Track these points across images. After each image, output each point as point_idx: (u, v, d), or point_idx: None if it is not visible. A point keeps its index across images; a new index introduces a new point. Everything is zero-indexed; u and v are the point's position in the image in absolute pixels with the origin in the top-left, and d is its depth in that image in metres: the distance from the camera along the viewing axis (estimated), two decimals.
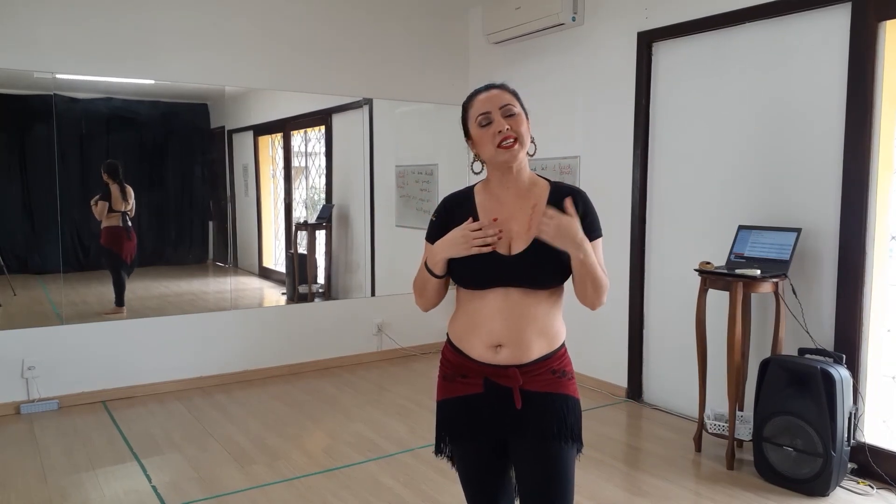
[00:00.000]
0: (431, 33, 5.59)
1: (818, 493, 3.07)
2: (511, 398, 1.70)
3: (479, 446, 1.77)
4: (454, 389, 1.77)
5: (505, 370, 1.70)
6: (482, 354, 1.71)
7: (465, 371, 1.75)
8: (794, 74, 3.51)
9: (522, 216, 1.72)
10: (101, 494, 3.11)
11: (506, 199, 1.74)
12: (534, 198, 1.74)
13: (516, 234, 1.71)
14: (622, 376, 4.51)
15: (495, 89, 1.74)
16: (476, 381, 1.73)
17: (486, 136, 1.69)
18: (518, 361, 1.69)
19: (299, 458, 3.53)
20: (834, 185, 3.34)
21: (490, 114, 1.69)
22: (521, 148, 1.70)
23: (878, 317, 3.29)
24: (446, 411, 1.80)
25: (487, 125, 1.69)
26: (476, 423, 1.75)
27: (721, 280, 3.42)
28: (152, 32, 4.47)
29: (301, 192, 5.74)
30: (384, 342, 5.50)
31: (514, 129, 1.68)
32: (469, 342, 1.73)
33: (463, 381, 1.75)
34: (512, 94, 1.75)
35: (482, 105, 1.71)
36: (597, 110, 4.63)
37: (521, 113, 1.72)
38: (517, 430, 1.71)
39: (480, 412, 1.74)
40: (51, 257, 4.41)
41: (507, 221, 1.71)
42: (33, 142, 4.39)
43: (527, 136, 1.71)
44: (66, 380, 4.31)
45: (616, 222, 4.47)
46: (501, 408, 1.71)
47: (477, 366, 1.72)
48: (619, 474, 3.37)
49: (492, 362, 1.70)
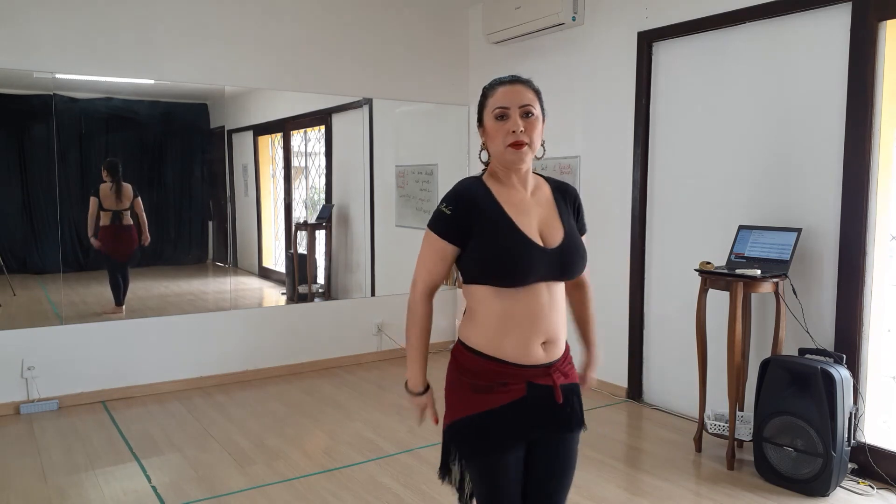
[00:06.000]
0: (431, 33, 5.58)
1: (818, 494, 3.07)
2: (549, 396, 1.69)
3: (517, 454, 1.70)
4: (492, 400, 1.66)
5: (547, 369, 1.69)
6: (527, 355, 1.66)
7: (504, 378, 1.66)
8: (795, 74, 3.51)
9: (541, 209, 1.73)
10: (100, 494, 3.11)
11: (522, 194, 1.73)
12: (542, 192, 1.77)
13: (545, 226, 1.70)
14: (622, 376, 4.51)
15: (520, 84, 1.70)
16: (518, 386, 1.66)
17: (500, 131, 1.67)
18: (555, 356, 1.71)
19: (299, 458, 3.53)
20: (834, 185, 3.34)
21: (508, 110, 1.67)
22: (530, 152, 1.69)
23: (878, 317, 3.28)
24: (483, 424, 1.67)
25: (503, 119, 1.67)
26: (522, 427, 1.68)
27: (721, 280, 3.42)
28: (152, 32, 4.47)
29: (301, 192, 5.74)
30: (384, 342, 5.50)
31: (528, 133, 1.67)
32: (508, 345, 1.65)
33: (503, 388, 1.66)
34: (535, 93, 1.72)
35: (503, 98, 1.68)
36: (597, 110, 4.63)
37: (539, 116, 1.70)
38: (553, 425, 1.71)
39: (527, 416, 1.68)
40: (50, 257, 4.41)
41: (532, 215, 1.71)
42: (33, 142, 4.39)
43: (538, 141, 1.70)
44: (65, 380, 4.31)
45: (616, 222, 4.47)
46: (542, 407, 1.69)
47: (518, 370, 1.66)
48: (619, 474, 3.37)
49: (539, 362, 1.67)
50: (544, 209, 1.73)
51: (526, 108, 1.67)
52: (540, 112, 1.71)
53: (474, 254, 1.66)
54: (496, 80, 1.74)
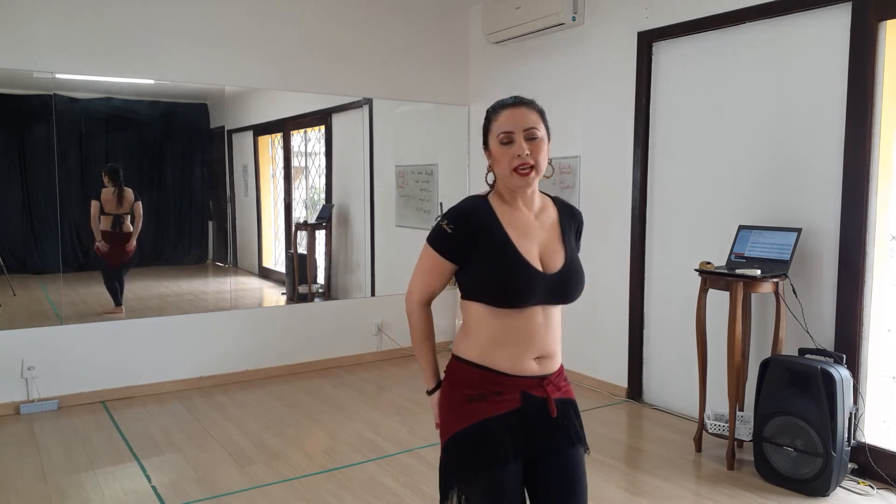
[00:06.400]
0: (431, 33, 5.58)
1: (818, 494, 3.07)
2: (544, 409, 1.70)
3: (515, 468, 1.67)
4: (488, 410, 1.66)
5: (542, 380, 1.70)
6: (520, 367, 1.67)
7: (498, 388, 1.67)
8: (795, 74, 3.51)
9: (544, 233, 1.73)
10: (100, 494, 3.11)
11: (527, 216, 1.73)
12: (548, 214, 1.77)
13: (546, 250, 1.71)
14: (622, 376, 4.51)
15: (523, 106, 1.69)
16: (513, 396, 1.67)
17: (506, 156, 1.67)
18: (550, 370, 1.73)
19: (299, 458, 3.53)
20: (834, 185, 3.34)
21: (513, 134, 1.66)
22: (537, 176, 1.69)
23: (878, 317, 3.28)
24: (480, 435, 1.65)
25: (508, 144, 1.67)
26: (519, 438, 1.67)
27: (721, 280, 3.42)
28: (152, 32, 4.47)
29: (301, 192, 5.74)
30: (384, 342, 5.50)
31: (534, 156, 1.66)
32: (500, 357, 1.67)
33: (497, 398, 1.67)
34: (539, 113, 1.71)
35: (506, 122, 1.67)
36: (597, 110, 4.63)
37: (544, 137, 1.69)
38: (551, 439, 1.71)
39: (523, 426, 1.68)
40: (50, 257, 4.41)
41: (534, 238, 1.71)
42: (33, 142, 4.39)
43: (544, 163, 1.69)
44: (65, 380, 4.31)
45: (616, 222, 4.47)
46: (538, 419, 1.70)
47: (512, 380, 1.68)
48: (620, 474, 3.37)
49: (533, 374, 1.69)
50: (547, 232, 1.74)
51: (531, 132, 1.66)
52: (545, 133, 1.70)
53: (473, 273, 1.68)
54: (499, 102, 1.73)
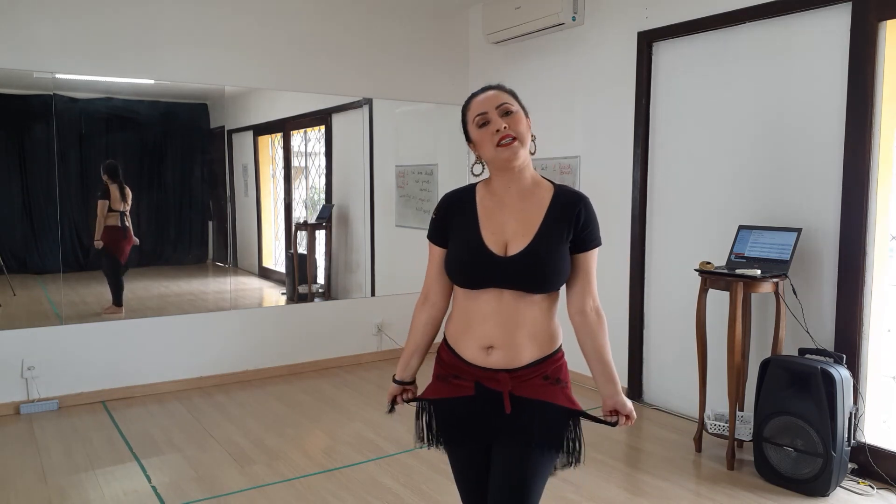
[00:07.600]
0: (431, 33, 5.58)
1: (818, 494, 3.07)
2: (501, 402, 1.68)
3: (471, 449, 1.77)
4: (446, 390, 1.76)
5: (495, 374, 1.68)
6: (474, 356, 1.70)
7: (457, 372, 1.73)
8: (795, 74, 3.51)
9: (523, 217, 1.70)
10: (100, 495, 3.11)
11: (507, 199, 1.72)
12: (536, 199, 1.72)
13: (514, 234, 1.68)
14: (622, 376, 4.46)
15: (492, 90, 1.73)
16: (468, 384, 1.72)
17: (486, 136, 1.68)
18: (509, 365, 1.68)
19: (299, 458, 3.53)
20: (834, 185, 3.34)
21: (487, 114, 1.68)
22: (522, 146, 1.68)
23: (878, 317, 3.28)
24: (436, 413, 1.80)
25: (485, 125, 1.68)
26: (467, 425, 1.74)
27: (721, 280, 3.42)
28: (152, 32, 4.47)
29: (301, 192, 5.74)
30: (384, 342, 5.50)
31: (513, 127, 1.67)
32: (463, 343, 1.72)
33: (456, 381, 1.74)
34: (509, 93, 1.74)
35: (479, 106, 1.71)
36: (597, 110, 4.63)
37: (520, 111, 1.71)
38: (504, 435, 1.70)
39: (471, 415, 1.73)
40: (50, 257, 4.41)
41: (506, 222, 1.70)
42: (33, 142, 4.39)
43: (527, 135, 1.70)
44: (65, 380, 4.31)
45: (616, 222, 4.46)
46: (491, 412, 1.70)
47: (469, 368, 1.71)
48: (619, 474, 3.37)
49: (483, 365, 1.69)
50: (527, 215, 1.69)
51: (504, 108, 1.69)
52: (520, 108, 1.72)
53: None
54: (469, 96, 1.77)
